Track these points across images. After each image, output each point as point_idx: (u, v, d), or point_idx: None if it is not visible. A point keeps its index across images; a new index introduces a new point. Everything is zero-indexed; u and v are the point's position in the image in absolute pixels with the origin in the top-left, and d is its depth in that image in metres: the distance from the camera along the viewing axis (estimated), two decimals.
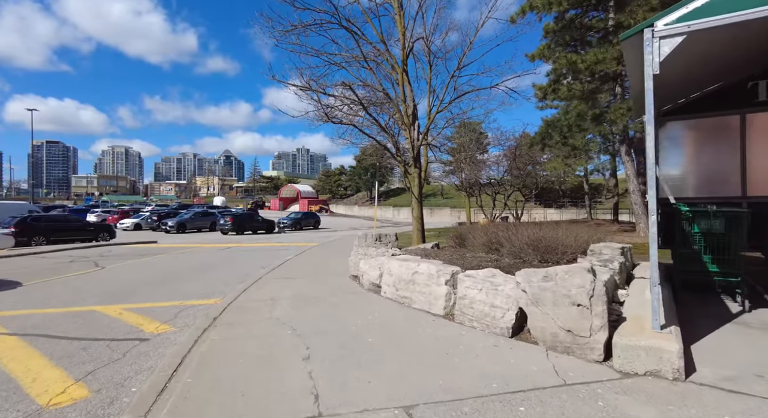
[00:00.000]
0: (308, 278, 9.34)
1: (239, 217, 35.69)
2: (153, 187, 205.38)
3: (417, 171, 12.81)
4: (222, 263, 13.36)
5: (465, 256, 9.41)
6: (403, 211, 69.54)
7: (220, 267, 12.16)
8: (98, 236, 25.22)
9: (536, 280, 4.43)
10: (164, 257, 15.18)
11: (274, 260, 13.50)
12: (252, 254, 16.03)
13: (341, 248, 17.01)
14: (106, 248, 19.42)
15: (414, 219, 13.52)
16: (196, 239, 26.39)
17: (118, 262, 13.98)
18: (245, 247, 19.78)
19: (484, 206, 33.53)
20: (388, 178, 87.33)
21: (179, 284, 9.27)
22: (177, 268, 12.16)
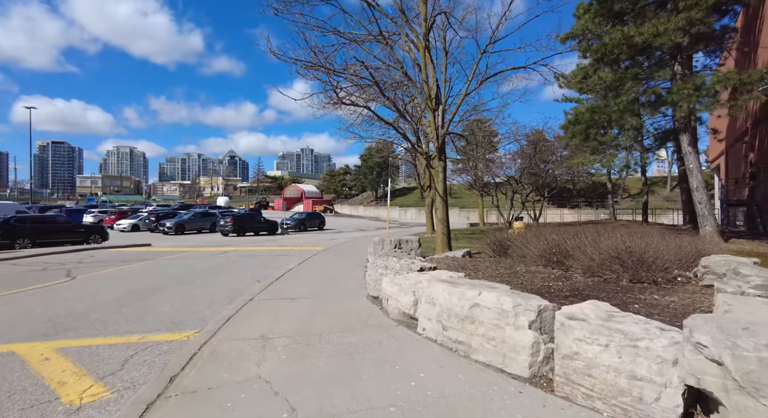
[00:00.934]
0: (314, 299, 7.28)
1: (240, 218, 33.77)
2: (156, 188, 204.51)
3: (442, 164, 10.73)
4: (213, 272, 11.35)
5: (516, 271, 7.33)
6: (410, 211, 67.41)
7: (209, 278, 10.16)
8: (89, 238, 23.38)
9: (753, 343, 2.34)
10: (150, 264, 13.21)
11: (273, 269, 11.50)
12: (250, 261, 14.03)
13: (352, 253, 14.96)
14: (91, 253, 17.51)
15: (438, 221, 11.42)
16: (193, 242, 24.47)
17: (95, 270, 12.02)
18: (244, 251, 17.80)
19: (497, 206, 31.42)
20: (393, 177, 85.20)
21: (152, 304, 7.28)
22: (159, 279, 10.17)
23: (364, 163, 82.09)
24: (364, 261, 12.22)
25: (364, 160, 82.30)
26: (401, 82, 11.49)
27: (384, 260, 7.84)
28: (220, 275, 10.58)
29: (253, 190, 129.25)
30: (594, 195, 60.84)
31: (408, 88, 11.90)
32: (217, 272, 11.40)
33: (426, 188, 22.69)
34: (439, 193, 10.88)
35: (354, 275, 9.67)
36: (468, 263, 8.46)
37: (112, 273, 11.41)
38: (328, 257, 14.14)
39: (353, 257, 13.66)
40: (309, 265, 11.95)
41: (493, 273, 7.22)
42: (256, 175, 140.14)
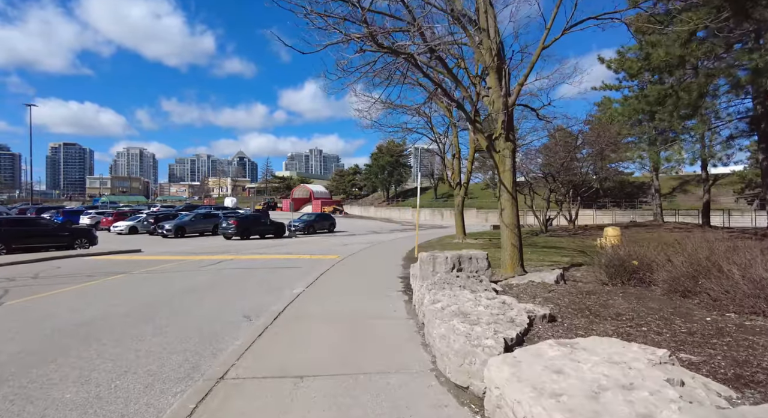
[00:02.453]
0: (337, 381, 4.00)
1: (244, 220, 30.90)
2: (163, 188, 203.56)
3: (510, 146, 7.55)
4: (190, 297, 8.33)
5: (720, 328, 4.15)
6: (424, 212, 64.21)
7: (178, 311, 7.13)
8: (74, 242, 20.68)
9: None
10: (117, 282, 10.26)
11: (272, 294, 8.45)
12: (245, 277, 11.01)
13: (375, 266, 11.87)
14: (60, 263, 14.67)
15: (504, 227, 8.05)
16: (190, 247, 21.59)
17: (42, 290, 9.08)
18: (243, 261, 14.84)
19: (531, 207, 28.13)
20: (405, 176, 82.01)
21: (52, 373, 4.30)
22: (107, 311, 7.17)
23: (375, 163, 79.08)
24: (394, 280, 9.14)
25: (375, 159, 79.34)
26: (445, 40, 8.34)
27: (448, 293, 4.75)
28: (197, 305, 7.52)
29: (262, 191, 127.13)
30: (621, 195, 57.19)
31: (454, 49, 8.77)
32: (197, 296, 8.37)
33: (456, 185, 19.59)
34: (506, 188, 7.65)
35: (391, 308, 6.61)
36: (585, 300, 5.34)
37: (57, 297, 8.45)
38: (346, 273, 11.07)
39: (379, 273, 10.60)
40: (322, 287, 8.88)
41: (677, 332, 4.09)
42: (264, 176, 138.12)
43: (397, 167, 77.32)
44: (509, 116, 7.49)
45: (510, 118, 7.58)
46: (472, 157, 19.26)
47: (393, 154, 76.08)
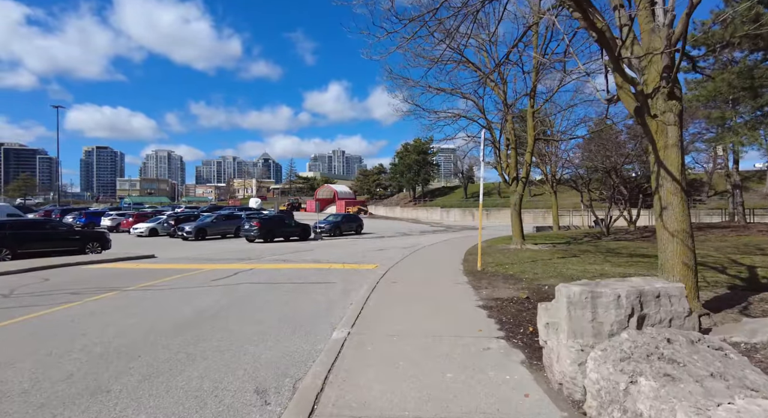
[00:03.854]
0: None
1: (268, 221, 28.69)
2: (189, 189, 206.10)
3: (677, 106, 4.69)
4: (175, 345, 5.75)
5: None
6: (454, 212, 61.00)
7: (146, 380, 4.61)
8: (86, 246, 18.94)
9: None
10: (95, 308, 7.86)
11: (301, 335, 5.84)
12: (263, 300, 8.45)
13: (435, 284, 9.10)
14: (55, 272, 12.55)
15: (666, 237, 4.81)
16: (207, 251, 19.39)
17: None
18: (264, 271, 12.37)
19: (589, 206, 24.85)
20: (432, 175, 78.82)
21: None
22: (38, 375, 4.74)
23: (401, 161, 76.26)
24: (477, 313, 6.37)
25: (401, 157, 76.55)
26: None
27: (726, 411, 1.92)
28: (185, 359, 4.88)
29: (286, 192, 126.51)
30: None
31: None
32: (190, 337, 5.80)
33: (512, 181, 16.63)
34: (670, 174, 4.68)
35: (511, 392, 3.90)
36: None
37: (7, 331, 6.07)
38: (399, 297, 8.36)
39: (446, 298, 7.88)
40: (374, 326, 6.20)
41: None
42: (288, 177, 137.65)
43: (424, 166, 74.23)
44: (676, 64, 4.66)
45: (673, 62, 4.73)
46: (532, 145, 16.23)
47: (420, 152, 73.16)
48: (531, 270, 10.50)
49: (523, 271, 10.41)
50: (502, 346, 4.76)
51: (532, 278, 9.47)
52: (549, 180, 30.99)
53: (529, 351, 4.59)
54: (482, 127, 16.75)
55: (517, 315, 6.16)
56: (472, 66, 15.99)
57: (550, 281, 8.98)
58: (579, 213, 45.80)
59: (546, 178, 30.95)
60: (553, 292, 7.71)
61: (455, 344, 4.88)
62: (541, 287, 8.37)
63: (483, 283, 9.06)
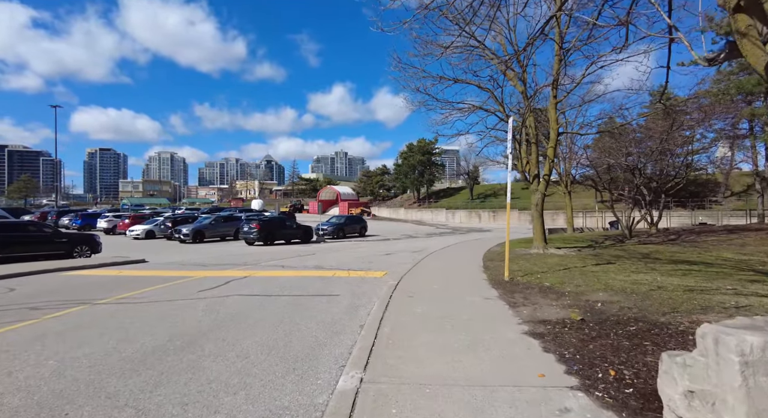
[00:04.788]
0: None
1: (268, 223, 27.35)
2: (191, 191, 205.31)
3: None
4: (122, 395, 4.39)
5: None
6: (459, 214, 59.42)
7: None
8: (74, 250, 17.69)
9: None
10: (46, 328, 6.45)
11: (294, 380, 4.41)
12: (252, 320, 7.00)
13: (460, 299, 7.62)
14: (25, 280, 11.18)
15: None
16: (202, 256, 18.01)
17: None
18: (258, 280, 10.93)
19: (611, 207, 23.29)
20: (437, 176, 77.19)
21: None
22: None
23: (405, 162, 74.77)
24: (529, 347, 4.89)
25: (405, 158, 75.07)
26: None
27: None
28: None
29: (289, 194, 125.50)
30: (683, 194, 50.99)
31: None
32: (155, 375, 4.40)
33: (533, 179, 15.12)
34: None
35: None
36: None
37: None
38: (420, 319, 6.91)
39: (477, 319, 6.43)
40: (391, 361, 4.77)
41: None
42: (291, 178, 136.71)
43: (429, 166, 72.73)
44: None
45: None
46: (555, 139, 14.73)
47: (424, 153, 71.67)
48: (569, 281, 9.01)
49: (561, 282, 8.92)
50: (585, 406, 3.29)
51: (575, 290, 7.98)
52: (563, 180, 29.45)
53: (630, 416, 3.12)
54: (500, 119, 15.29)
55: (582, 348, 4.69)
56: (490, 53, 14.54)
57: (600, 295, 7.49)
58: (592, 214, 44.21)
59: (560, 178, 29.40)
60: (613, 311, 6.25)
61: (515, 403, 3.41)
62: (592, 304, 6.88)
63: (518, 298, 7.58)
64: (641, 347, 4.56)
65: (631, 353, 4.40)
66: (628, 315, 6.01)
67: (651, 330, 5.18)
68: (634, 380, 3.71)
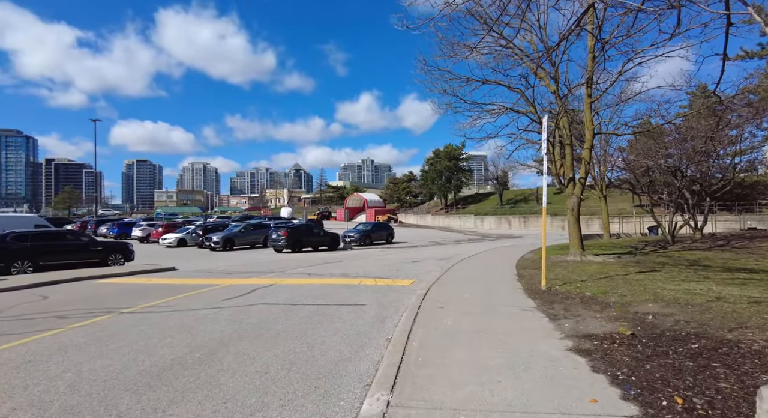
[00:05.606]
0: None
1: (296, 230, 27.43)
2: (223, 200, 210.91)
3: None
4: (142, 405, 4.14)
5: None
6: (488, 220, 58.19)
7: None
8: (108, 258, 18.18)
9: None
10: (67, 340, 6.38)
11: (311, 399, 4.05)
12: (275, 332, 6.73)
13: (492, 311, 7.10)
14: (57, 288, 11.40)
15: None
16: (231, 263, 18.12)
17: None
18: (284, 288, 10.72)
19: (649, 211, 22.04)
20: (464, 181, 76.02)
21: None
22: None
23: (432, 168, 74.10)
24: (562, 363, 4.38)
25: (432, 164, 74.44)
26: None
27: None
28: None
29: (317, 201, 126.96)
30: (729, 197, 48.33)
31: None
32: (169, 392, 4.17)
33: (569, 182, 14.38)
34: None
35: None
36: None
37: None
38: (451, 331, 6.46)
39: (514, 333, 5.95)
40: (421, 382, 4.37)
41: None
42: (318, 186, 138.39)
43: (456, 172, 71.77)
44: None
45: None
46: (591, 140, 13.98)
47: (451, 158, 70.81)
48: (613, 290, 8.33)
49: (604, 291, 8.25)
50: None
51: (620, 301, 7.33)
52: (598, 183, 28.24)
53: None
54: (532, 120, 14.67)
55: (637, 368, 4.14)
56: (520, 52, 14.00)
57: (650, 306, 6.82)
58: (629, 219, 42.31)
59: (595, 182, 28.19)
60: (667, 324, 5.62)
61: None
62: (642, 316, 6.25)
63: (558, 309, 7.00)
64: (710, 370, 3.97)
65: (698, 377, 3.83)
66: (686, 330, 5.38)
67: (718, 349, 4.56)
68: (709, 411, 3.15)
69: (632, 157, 23.70)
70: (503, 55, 15.00)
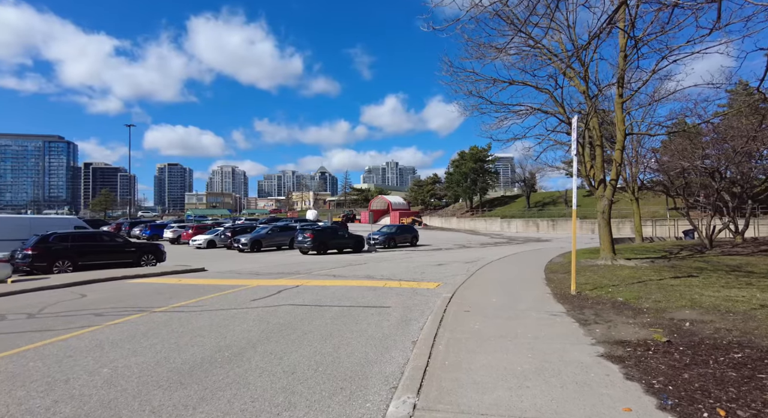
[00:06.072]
0: None
1: (321, 232, 27.76)
2: (250, 202, 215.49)
3: None
4: (173, 402, 4.24)
5: None
6: (515, 223, 57.18)
7: None
8: (141, 259, 18.88)
9: None
10: (103, 337, 6.62)
11: (337, 400, 4.06)
12: (301, 333, 6.81)
13: (519, 319, 6.98)
14: (95, 287, 11.90)
15: None
16: (259, 264, 18.47)
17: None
18: (310, 289, 10.84)
19: (685, 214, 21.15)
20: (490, 183, 74.96)
21: None
22: None
23: (457, 170, 73.50)
24: (593, 370, 4.23)
25: (457, 166, 73.84)
26: None
27: None
28: None
29: (341, 204, 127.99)
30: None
31: None
32: (198, 391, 4.28)
33: (599, 184, 13.98)
34: None
35: None
36: None
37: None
38: (477, 335, 6.37)
39: (542, 339, 5.82)
40: (447, 386, 4.32)
41: None
42: (343, 189, 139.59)
43: (481, 174, 70.92)
44: None
45: None
46: (622, 141, 13.55)
47: (477, 160, 70.06)
48: (646, 296, 8.03)
49: (637, 297, 7.96)
50: None
51: (654, 307, 7.06)
52: (629, 186, 27.34)
53: None
54: (561, 121, 14.35)
55: (674, 377, 3.97)
56: (548, 52, 13.74)
57: (686, 313, 6.53)
58: (662, 223, 40.76)
59: (626, 184, 27.30)
60: (706, 332, 5.36)
61: None
62: (678, 323, 5.99)
63: (588, 314, 6.80)
64: (755, 381, 3.76)
65: (742, 388, 3.63)
66: (728, 339, 5.12)
67: (764, 359, 4.31)
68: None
69: (666, 159, 22.84)
70: (531, 56, 14.75)
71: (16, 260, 15.50)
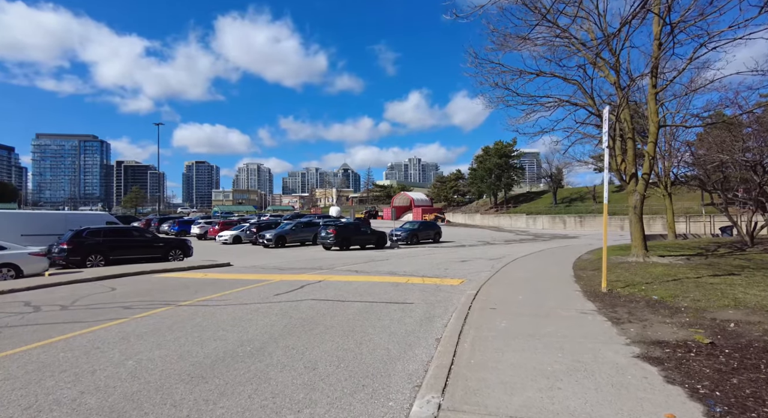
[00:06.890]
0: None
1: (343, 229, 27.85)
2: (275, 199, 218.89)
3: None
4: (194, 395, 4.22)
5: None
6: (541, 219, 55.95)
7: None
8: (168, 254, 19.32)
9: None
10: (130, 329, 6.72)
11: (359, 397, 3.94)
12: (323, 327, 6.74)
13: (549, 322, 6.72)
14: (125, 281, 12.20)
15: None
16: (283, 260, 18.66)
17: (29, 336, 5.94)
18: (332, 284, 10.80)
19: (723, 209, 20.11)
20: (515, 179, 73.52)
21: None
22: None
23: (481, 166, 72.41)
24: (630, 372, 3.96)
25: (481, 162, 72.78)
26: None
27: None
28: None
29: (364, 200, 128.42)
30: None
31: None
32: (219, 385, 4.25)
33: (630, 178, 13.39)
34: None
35: None
36: None
37: (15, 359, 5.01)
38: (505, 333, 6.16)
39: (573, 338, 5.57)
40: (473, 386, 4.15)
41: None
42: (366, 185, 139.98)
43: (506, 170, 69.60)
44: None
45: None
46: (656, 134, 12.93)
47: (501, 156, 68.84)
48: (683, 294, 7.60)
49: (673, 295, 7.55)
50: None
51: (693, 306, 6.67)
52: (662, 180, 26.26)
53: None
54: (590, 113, 13.81)
55: (721, 381, 3.68)
56: (576, 42, 13.23)
57: (730, 313, 6.13)
58: (697, 219, 39.09)
59: (658, 179, 26.22)
60: (755, 334, 5.00)
61: None
62: (721, 323, 5.62)
63: (621, 313, 6.48)
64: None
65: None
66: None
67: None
68: None
69: (702, 152, 21.79)
70: (558, 46, 14.26)
71: (53, 254, 16.08)
